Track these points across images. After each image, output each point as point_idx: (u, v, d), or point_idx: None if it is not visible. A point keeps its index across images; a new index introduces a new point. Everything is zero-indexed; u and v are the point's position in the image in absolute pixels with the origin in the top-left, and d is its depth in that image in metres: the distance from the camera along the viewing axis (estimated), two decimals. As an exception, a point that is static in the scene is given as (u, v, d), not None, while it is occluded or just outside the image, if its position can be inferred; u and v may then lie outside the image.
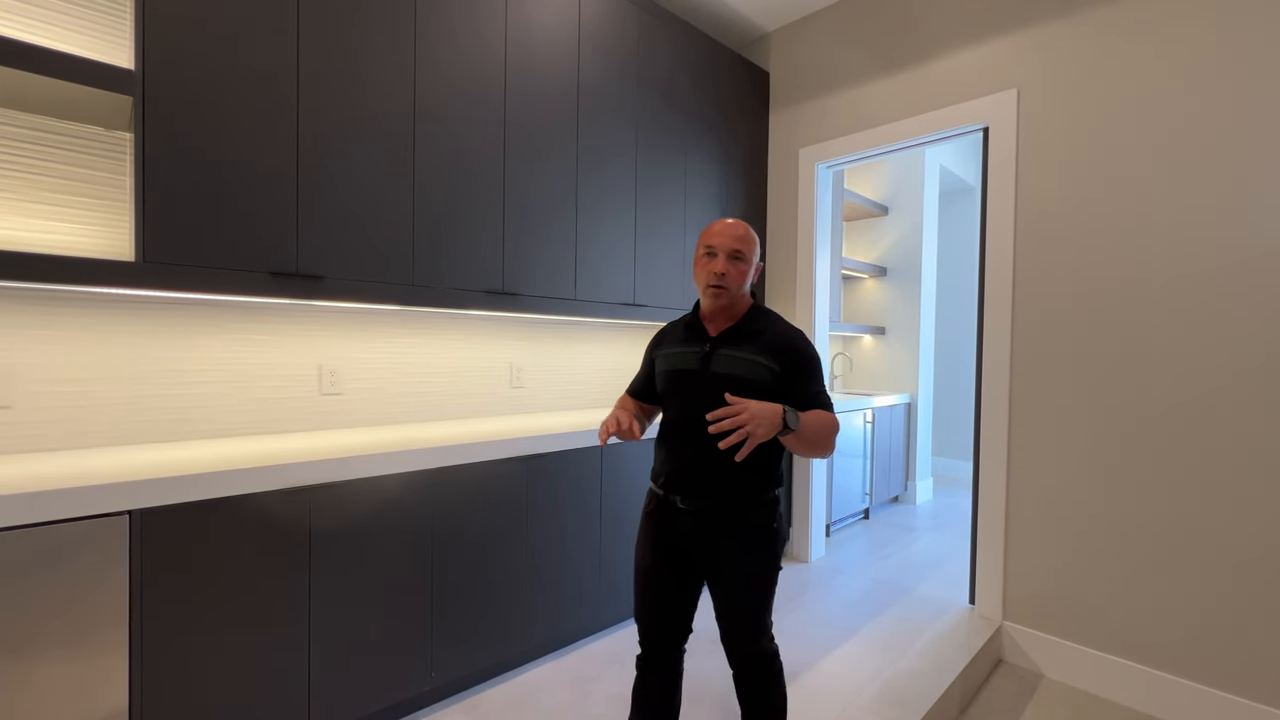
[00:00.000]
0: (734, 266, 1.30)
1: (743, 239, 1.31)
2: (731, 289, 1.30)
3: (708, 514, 1.28)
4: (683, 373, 1.33)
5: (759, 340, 1.29)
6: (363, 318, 2.08)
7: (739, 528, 1.28)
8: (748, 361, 1.27)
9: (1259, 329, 1.74)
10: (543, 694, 1.89)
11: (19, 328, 1.49)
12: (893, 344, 4.46)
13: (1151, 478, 1.92)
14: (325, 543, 1.53)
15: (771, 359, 1.27)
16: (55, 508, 1.15)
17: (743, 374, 1.26)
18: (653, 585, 1.37)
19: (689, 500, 1.29)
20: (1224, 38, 1.80)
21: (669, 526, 1.33)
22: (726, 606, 1.31)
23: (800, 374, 1.28)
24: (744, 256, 1.30)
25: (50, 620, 1.17)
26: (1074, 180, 2.09)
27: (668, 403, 1.37)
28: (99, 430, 1.60)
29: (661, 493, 1.35)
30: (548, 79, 2.21)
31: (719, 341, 1.31)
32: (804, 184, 3.03)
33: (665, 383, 1.37)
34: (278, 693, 1.46)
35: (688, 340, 1.37)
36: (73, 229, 1.55)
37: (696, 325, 1.37)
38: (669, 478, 1.33)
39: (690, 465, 1.29)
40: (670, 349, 1.39)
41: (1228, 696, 1.78)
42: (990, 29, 2.32)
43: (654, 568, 1.36)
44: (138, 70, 1.40)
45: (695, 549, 1.31)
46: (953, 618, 2.32)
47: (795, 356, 1.28)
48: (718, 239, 1.30)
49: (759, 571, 1.29)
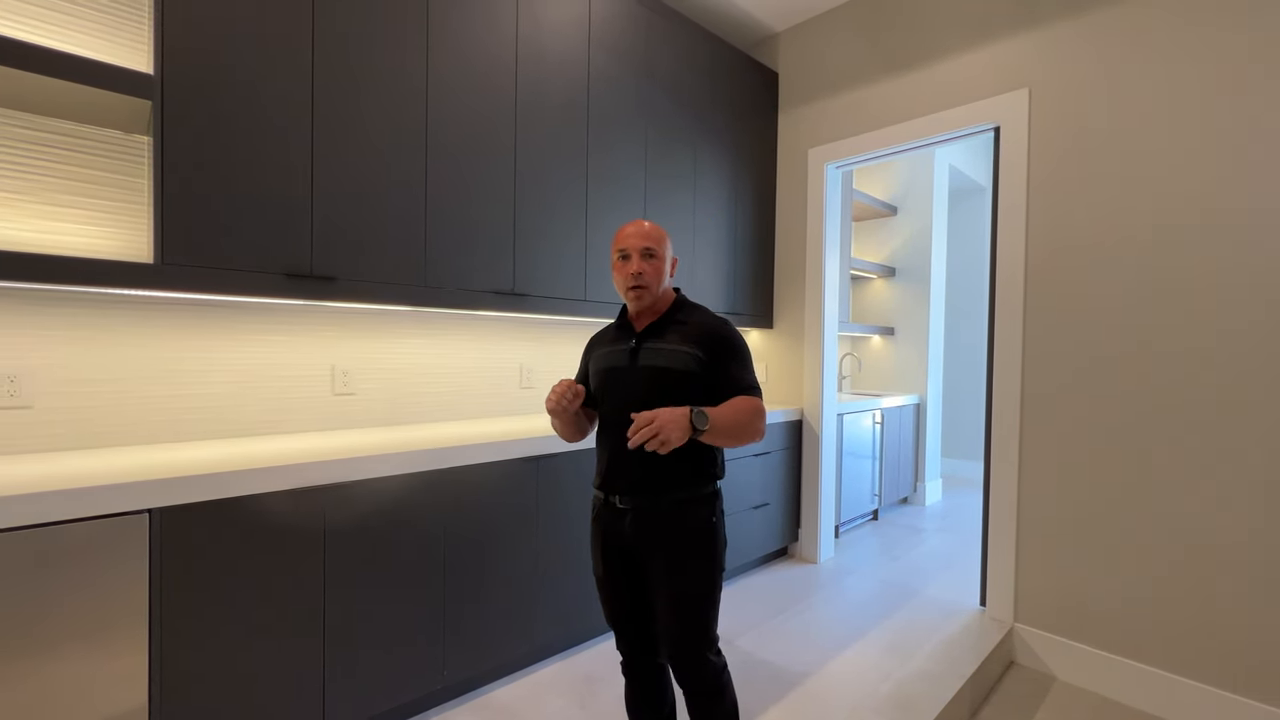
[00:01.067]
0: (649, 264, 1.31)
1: (650, 235, 1.32)
2: (651, 287, 1.32)
3: (646, 512, 1.28)
4: (613, 369, 1.35)
5: (683, 330, 1.31)
6: (375, 319, 2.10)
7: (677, 524, 1.27)
8: (673, 352, 1.28)
9: (1276, 331, 1.72)
10: (552, 693, 1.90)
11: (40, 329, 1.52)
12: (902, 344, 4.44)
13: (1165, 479, 1.91)
14: (338, 542, 1.54)
15: (696, 347, 1.28)
16: (76, 506, 1.17)
17: (669, 364, 1.27)
18: (610, 591, 1.36)
19: (627, 498, 1.29)
20: (1240, 36, 1.78)
21: (613, 529, 1.32)
22: (667, 609, 1.27)
23: (724, 359, 1.29)
24: (656, 253, 1.32)
25: (71, 618, 1.18)
26: (1087, 181, 2.08)
27: (602, 401, 1.38)
28: (117, 430, 1.63)
29: (602, 494, 1.35)
30: (558, 80, 2.22)
31: (645, 335, 1.33)
32: (813, 184, 3.02)
33: (598, 382, 1.38)
34: (292, 690, 1.48)
35: (617, 339, 1.39)
36: (92, 231, 1.58)
37: (625, 325, 1.40)
38: (606, 477, 1.33)
39: (626, 462, 1.28)
40: (601, 349, 1.42)
41: (1241, 700, 1.76)
42: (1001, 29, 2.31)
43: (607, 574, 1.35)
44: (156, 75, 1.42)
45: (636, 548, 1.30)
46: (963, 620, 2.31)
47: (719, 343, 1.30)
48: (628, 241, 1.32)
49: (699, 570, 1.27)
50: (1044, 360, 2.17)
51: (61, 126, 1.53)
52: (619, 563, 1.34)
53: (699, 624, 1.27)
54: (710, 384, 1.28)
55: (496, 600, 1.88)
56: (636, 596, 1.34)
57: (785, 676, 1.98)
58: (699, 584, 1.27)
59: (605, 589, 1.38)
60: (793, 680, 1.97)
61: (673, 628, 1.27)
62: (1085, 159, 2.08)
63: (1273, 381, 1.73)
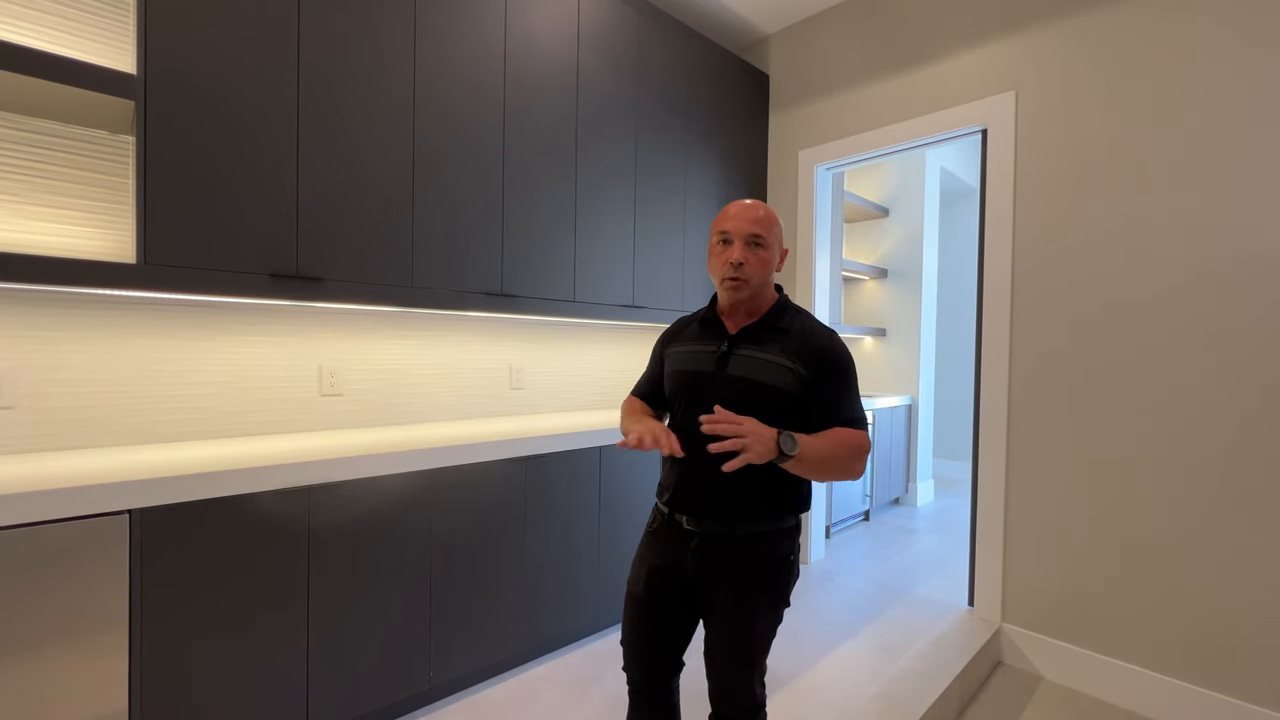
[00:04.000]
0: (754, 254, 1.13)
1: (762, 221, 1.13)
2: (752, 280, 1.14)
3: (716, 539, 1.13)
4: (695, 374, 1.17)
5: (785, 340, 1.13)
6: (362, 319, 2.10)
7: (749, 556, 1.12)
8: (771, 364, 1.11)
9: (1259, 334, 1.74)
10: (542, 693, 1.90)
11: (23, 329, 1.51)
12: (894, 346, 4.46)
13: (1150, 480, 1.92)
14: (324, 543, 1.54)
15: (799, 362, 1.10)
16: (55, 507, 1.16)
17: (764, 378, 1.10)
18: (645, 614, 1.20)
19: (696, 521, 1.14)
20: (1222, 41, 1.80)
21: (672, 549, 1.17)
22: (720, 646, 1.14)
23: (830, 382, 1.11)
24: (764, 242, 1.13)
25: (50, 620, 1.18)
26: (1073, 182, 2.10)
27: (677, 407, 1.20)
28: (101, 431, 1.62)
29: (667, 510, 1.20)
30: (547, 81, 2.22)
31: (738, 340, 1.16)
32: (804, 186, 3.03)
33: (675, 384, 1.21)
34: (277, 692, 1.47)
35: (703, 338, 1.21)
36: (76, 231, 1.57)
37: (714, 321, 1.22)
38: (675, 493, 1.18)
39: (700, 480, 1.14)
40: (683, 347, 1.24)
41: (1226, 699, 1.77)
42: (988, 32, 2.33)
43: (648, 595, 1.20)
44: (140, 75, 1.41)
45: (697, 577, 1.15)
46: (952, 620, 2.32)
47: (827, 362, 1.12)
48: (733, 223, 1.13)
49: (764, 610, 1.13)
50: (1031, 362, 2.19)
51: (47, 127, 1.52)
52: (667, 588, 1.18)
53: (753, 661, 1.14)
54: (805, 405, 1.11)
55: (486, 600, 1.88)
56: (676, 625, 1.20)
57: (776, 676, 1.98)
58: (763, 625, 1.14)
59: (638, 609, 1.21)
60: (783, 679, 1.97)
61: (725, 662, 1.14)
62: (1072, 160, 2.10)
63: (1260, 386, 1.74)
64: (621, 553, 2.25)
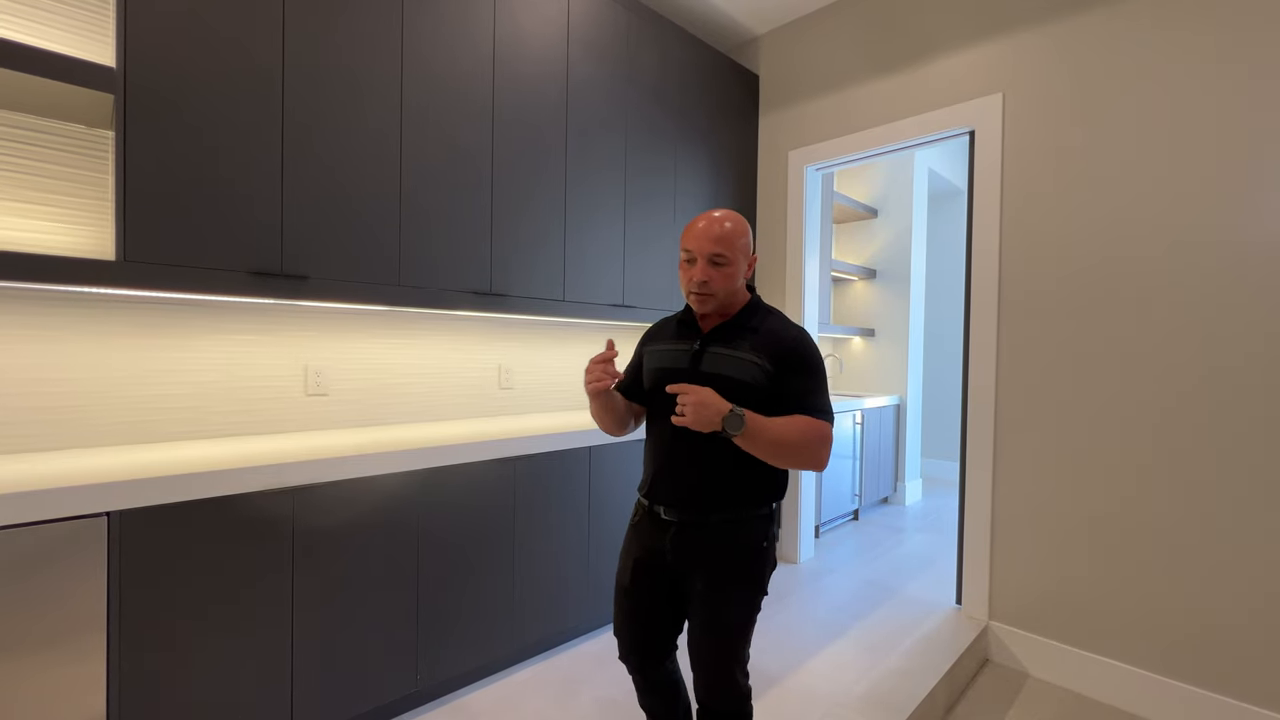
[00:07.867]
0: (716, 272, 1.18)
1: (722, 239, 1.17)
2: (718, 294, 1.20)
3: (692, 528, 1.19)
4: (671, 371, 1.23)
5: (754, 338, 1.19)
6: (349, 318, 2.07)
7: (724, 542, 1.18)
8: (740, 361, 1.17)
9: (1243, 330, 1.77)
10: (530, 696, 1.88)
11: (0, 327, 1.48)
12: (882, 346, 4.48)
13: (1136, 478, 1.94)
14: (309, 544, 1.52)
15: (765, 358, 1.16)
16: (31, 509, 1.14)
17: (734, 374, 1.16)
18: (633, 604, 1.28)
19: (673, 511, 1.20)
20: (1206, 40, 1.83)
21: (652, 540, 1.24)
22: (701, 635, 1.20)
23: (795, 376, 1.16)
24: (726, 259, 1.18)
25: (27, 624, 1.15)
26: (1058, 183, 2.12)
27: (654, 402, 1.28)
28: (81, 431, 1.59)
29: (646, 502, 1.26)
30: (536, 80, 2.21)
31: (711, 339, 1.22)
32: (793, 186, 3.04)
33: (652, 381, 1.28)
34: (259, 695, 1.45)
35: (679, 337, 1.28)
36: (54, 228, 1.54)
37: (689, 321, 1.29)
38: (653, 485, 1.25)
39: (676, 472, 1.21)
40: (659, 345, 1.31)
41: (1212, 695, 1.79)
42: (976, 34, 2.35)
43: (634, 585, 1.27)
44: (119, 68, 1.38)
45: (676, 566, 1.21)
46: (940, 618, 2.34)
47: (790, 355, 1.17)
48: (695, 242, 1.18)
49: (740, 595, 1.19)
50: (1018, 361, 2.20)
51: (22, 120, 1.49)
52: (650, 579, 1.25)
53: (733, 650, 1.19)
54: (775, 399, 1.16)
55: (473, 602, 1.86)
56: (662, 613, 1.27)
57: (764, 675, 1.99)
58: (740, 611, 1.19)
59: (626, 602, 1.29)
60: (771, 678, 1.97)
61: (705, 651, 1.19)
62: (1057, 161, 2.12)
63: (1246, 380, 1.77)
64: (610, 554, 2.25)
